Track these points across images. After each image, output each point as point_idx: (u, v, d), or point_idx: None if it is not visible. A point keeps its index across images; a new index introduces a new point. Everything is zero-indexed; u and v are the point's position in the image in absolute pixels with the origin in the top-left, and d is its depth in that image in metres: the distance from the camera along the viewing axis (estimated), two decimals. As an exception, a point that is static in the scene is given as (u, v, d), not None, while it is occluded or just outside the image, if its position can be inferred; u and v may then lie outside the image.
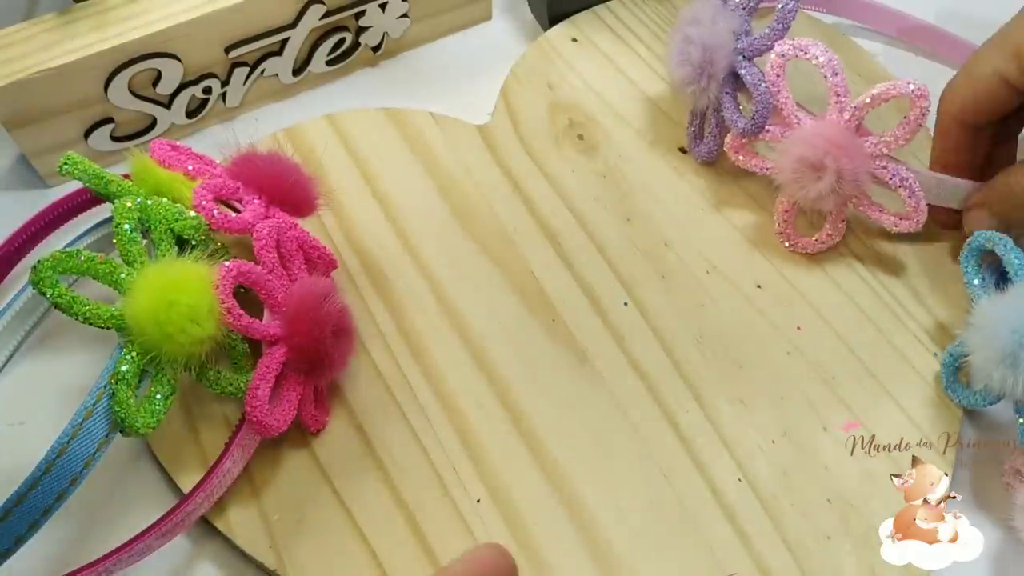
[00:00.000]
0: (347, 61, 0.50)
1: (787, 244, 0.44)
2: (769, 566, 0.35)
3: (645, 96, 0.50)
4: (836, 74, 0.40)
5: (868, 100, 0.39)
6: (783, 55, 0.41)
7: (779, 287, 0.43)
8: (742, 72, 0.42)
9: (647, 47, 0.52)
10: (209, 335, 0.33)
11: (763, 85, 0.41)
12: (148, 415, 0.33)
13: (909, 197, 0.40)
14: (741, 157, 0.44)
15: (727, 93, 0.43)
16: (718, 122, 0.45)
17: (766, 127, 0.42)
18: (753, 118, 0.42)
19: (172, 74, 0.45)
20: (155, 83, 0.45)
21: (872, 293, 0.43)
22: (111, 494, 0.37)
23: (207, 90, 0.47)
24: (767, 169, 0.43)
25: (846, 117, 0.40)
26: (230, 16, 0.44)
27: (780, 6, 0.41)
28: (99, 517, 0.36)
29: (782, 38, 0.41)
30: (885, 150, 0.40)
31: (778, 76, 0.41)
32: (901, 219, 0.41)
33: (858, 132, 0.40)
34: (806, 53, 0.40)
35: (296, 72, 0.49)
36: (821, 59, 0.40)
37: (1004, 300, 0.35)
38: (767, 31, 0.41)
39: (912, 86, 0.38)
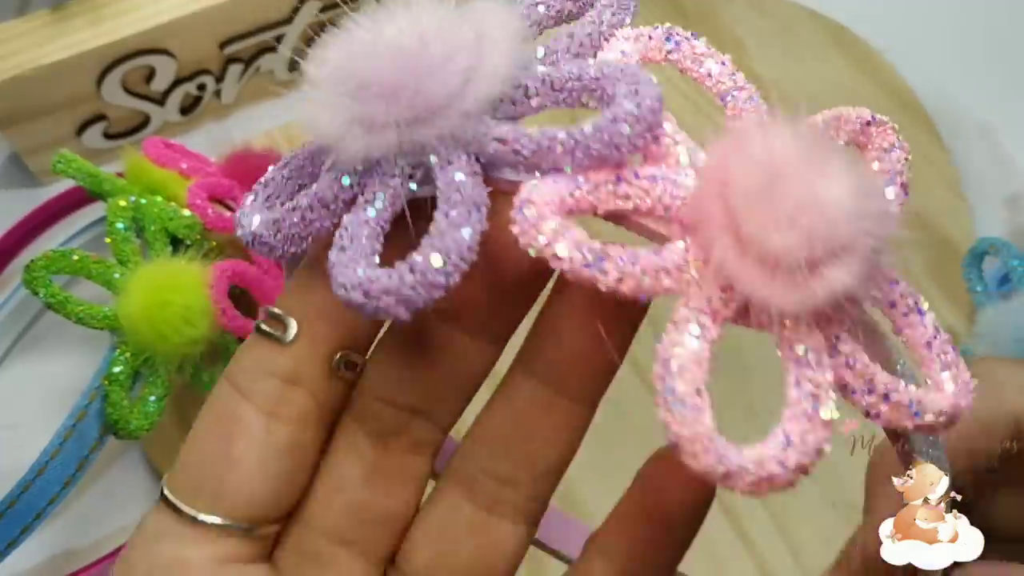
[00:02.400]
0: (343, 57, 0.50)
1: None
2: (772, 569, 0.35)
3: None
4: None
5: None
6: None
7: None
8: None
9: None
10: (203, 336, 0.33)
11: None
12: (141, 417, 0.33)
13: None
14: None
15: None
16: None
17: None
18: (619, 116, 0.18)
19: (166, 71, 0.44)
20: (149, 80, 0.44)
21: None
22: (104, 497, 0.37)
23: (201, 87, 0.46)
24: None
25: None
26: (225, 11, 0.44)
27: None
28: (92, 521, 0.36)
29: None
30: None
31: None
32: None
33: None
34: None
35: (292, 68, 0.49)
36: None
37: (1009, 309, 0.35)
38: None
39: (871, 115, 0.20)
